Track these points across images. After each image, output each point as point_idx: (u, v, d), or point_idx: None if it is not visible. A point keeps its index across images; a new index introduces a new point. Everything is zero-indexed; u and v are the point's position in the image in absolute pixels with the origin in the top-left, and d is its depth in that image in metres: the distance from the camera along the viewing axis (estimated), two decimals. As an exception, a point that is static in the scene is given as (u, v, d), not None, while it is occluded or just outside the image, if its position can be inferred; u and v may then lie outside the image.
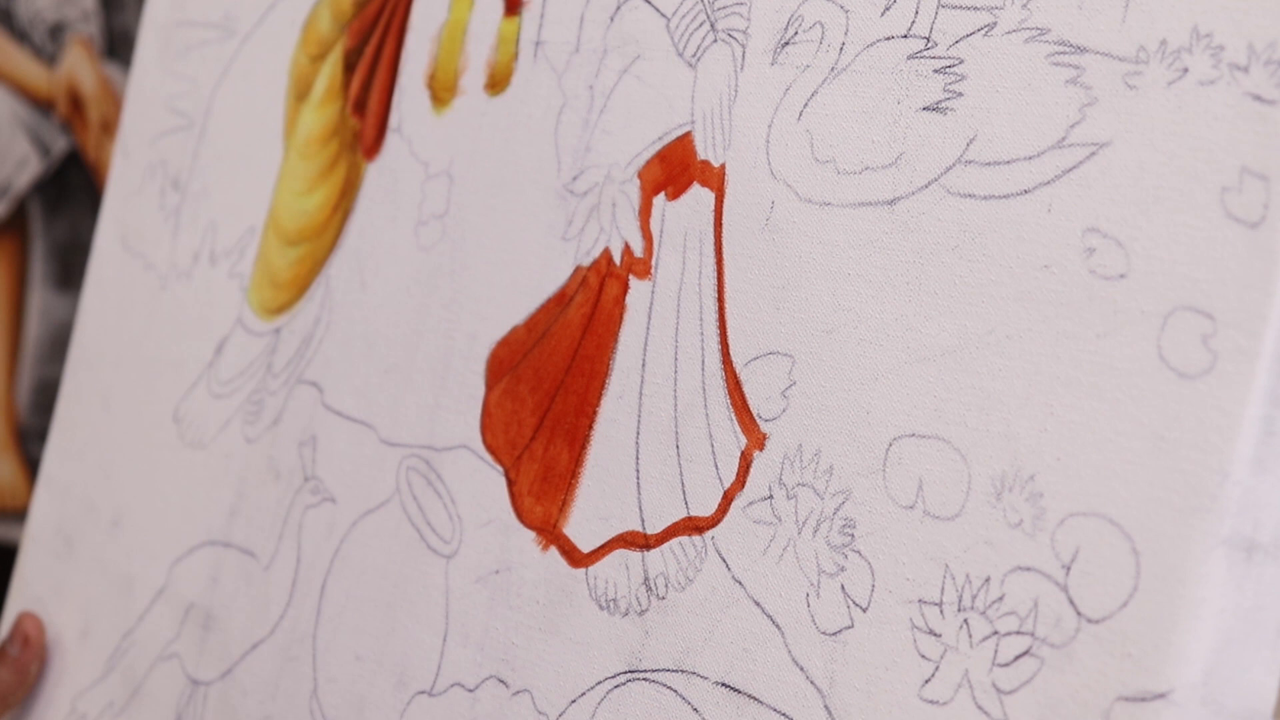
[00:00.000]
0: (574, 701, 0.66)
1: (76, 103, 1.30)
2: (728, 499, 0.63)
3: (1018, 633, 0.54)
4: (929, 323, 0.58)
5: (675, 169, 0.68)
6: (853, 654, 0.58)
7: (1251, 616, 0.51)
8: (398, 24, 0.83)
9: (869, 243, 0.61)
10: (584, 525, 0.68)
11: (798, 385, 0.62)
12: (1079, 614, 0.53)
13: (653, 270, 0.68)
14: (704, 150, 0.67)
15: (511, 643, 0.69)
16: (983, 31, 0.59)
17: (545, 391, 0.71)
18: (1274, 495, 0.51)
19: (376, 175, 0.82)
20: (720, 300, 0.65)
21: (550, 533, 0.69)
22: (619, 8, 0.71)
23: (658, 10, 0.70)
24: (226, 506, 0.84)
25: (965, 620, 0.55)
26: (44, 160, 1.30)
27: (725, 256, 0.65)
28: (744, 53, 0.66)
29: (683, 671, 0.63)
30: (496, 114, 0.76)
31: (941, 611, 0.56)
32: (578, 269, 0.71)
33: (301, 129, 0.87)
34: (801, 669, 0.59)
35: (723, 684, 0.62)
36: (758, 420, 0.63)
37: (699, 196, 0.67)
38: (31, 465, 1.33)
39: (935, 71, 0.60)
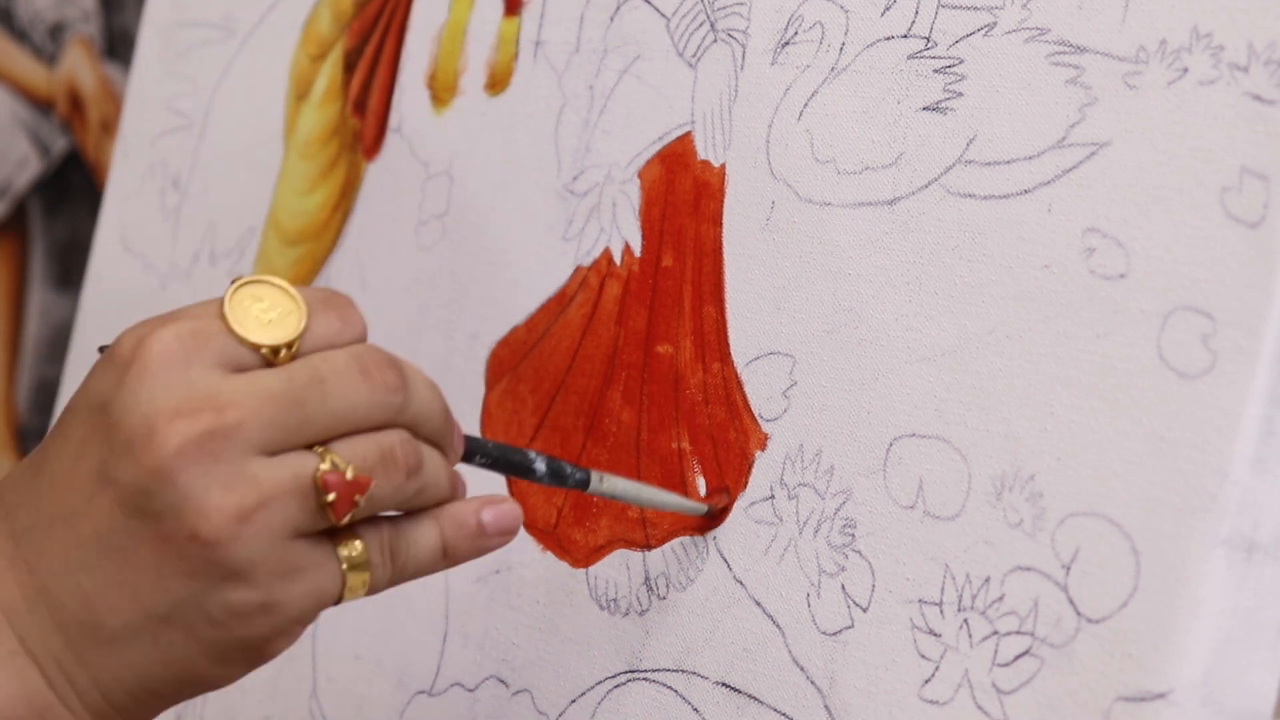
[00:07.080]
0: (574, 701, 0.66)
1: (76, 103, 1.30)
2: (728, 499, 0.63)
3: (1018, 633, 0.54)
4: (929, 323, 0.58)
5: (675, 169, 0.68)
6: (853, 654, 0.58)
7: (1251, 616, 0.51)
8: (398, 24, 0.83)
9: (869, 243, 0.61)
10: (584, 525, 0.68)
11: (799, 385, 0.62)
12: (1079, 614, 0.53)
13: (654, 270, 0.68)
14: (704, 150, 0.67)
15: (511, 643, 0.69)
16: (983, 31, 0.59)
17: (545, 391, 0.71)
18: (1274, 495, 0.51)
19: (376, 175, 0.82)
20: (721, 300, 0.65)
21: (550, 533, 0.69)
22: (619, 8, 0.71)
23: (658, 10, 0.70)
24: (227, 506, 0.84)
25: (965, 620, 0.55)
26: (44, 160, 1.30)
27: (726, 256, 0.65)
28: (744, 53, 0.66)
29: (683, 671, 0.63)
30: (496, 114, 0.76)
31: (941, 611, 0.56)
32: (578, 269, 0.71)
33: (301, 129, 0.87)
34: (802, 669, 0.59)
35: (723, 684, 0.62)
36: (759, 420, 0.63)
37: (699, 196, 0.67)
38: (31, 465, 1.33)
39: (935, 71, 0.60)
